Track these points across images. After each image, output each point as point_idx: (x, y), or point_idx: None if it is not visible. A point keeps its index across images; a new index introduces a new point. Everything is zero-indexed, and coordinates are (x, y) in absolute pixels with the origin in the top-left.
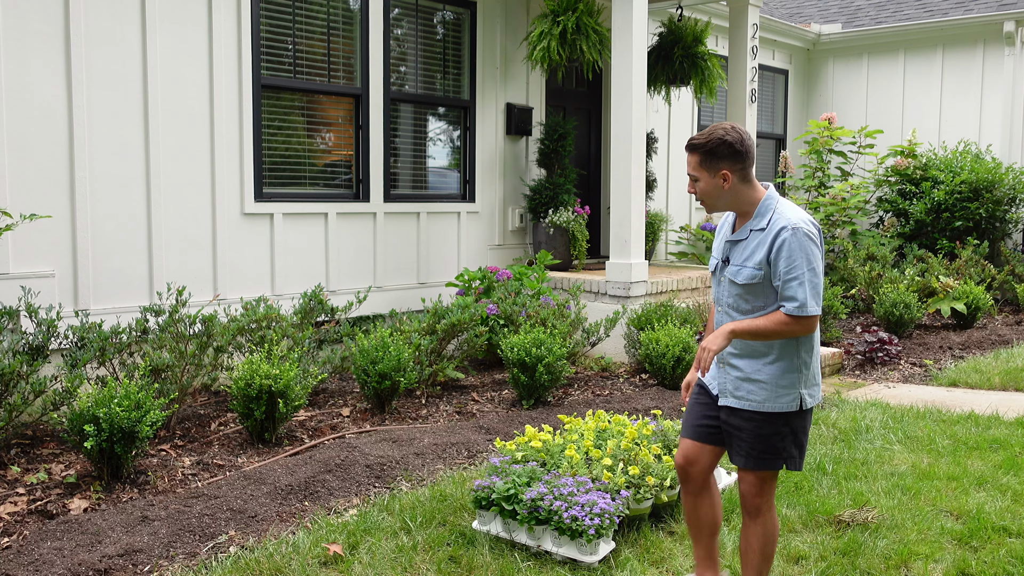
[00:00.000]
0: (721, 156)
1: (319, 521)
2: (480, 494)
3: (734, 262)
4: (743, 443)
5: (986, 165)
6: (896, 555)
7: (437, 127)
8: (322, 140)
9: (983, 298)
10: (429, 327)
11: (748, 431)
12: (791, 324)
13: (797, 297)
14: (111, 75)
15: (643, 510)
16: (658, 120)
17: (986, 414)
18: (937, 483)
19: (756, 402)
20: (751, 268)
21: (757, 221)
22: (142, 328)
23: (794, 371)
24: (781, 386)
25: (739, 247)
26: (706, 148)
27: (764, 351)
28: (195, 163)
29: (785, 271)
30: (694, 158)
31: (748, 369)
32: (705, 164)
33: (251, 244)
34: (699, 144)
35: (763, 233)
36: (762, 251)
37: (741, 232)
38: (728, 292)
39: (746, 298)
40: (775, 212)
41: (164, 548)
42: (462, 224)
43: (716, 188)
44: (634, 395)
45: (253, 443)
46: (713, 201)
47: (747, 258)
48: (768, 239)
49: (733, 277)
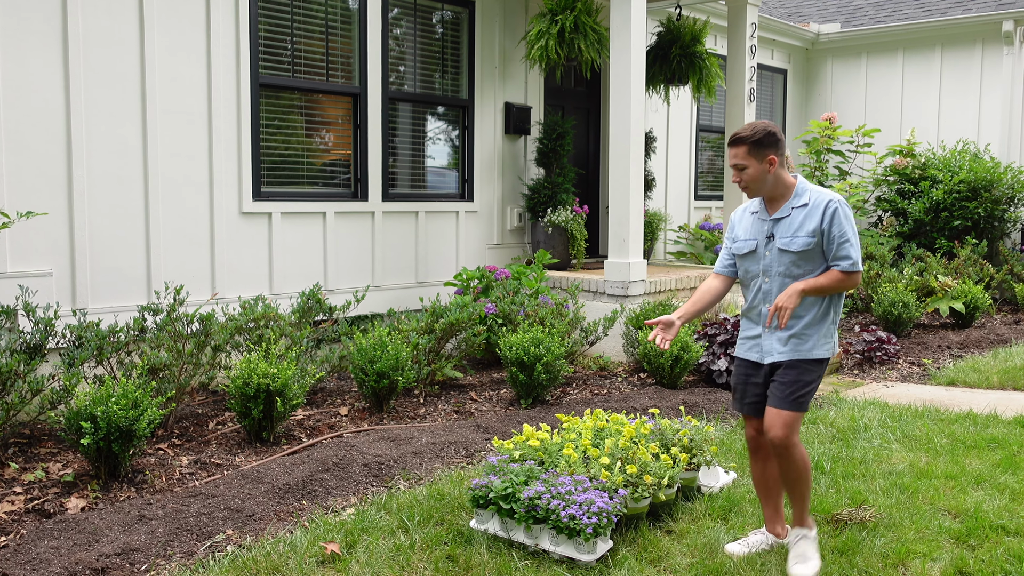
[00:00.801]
0: (767, 145)
1: (316, 520)
2: (478, 493)
3: (782, 235)
4: (785, 387)
5: (985, 164)
6: (894, 554)
7: (436, 126)
8: (320, 139)
9: (982, 297)
10: (427, 326)
11: (792, 376)
12: (845, 280)
13: (851, 255)
14: (109, 74)
15: (641, 509)
16: (656, 119)
17: (984, 413)
18: (935, 482)
19: (805, 351)
20: (805, 236)
21: (796, 200)
22: (140, 327)
23: (829, 323)
24: (822, 335)
25: (783, 223)
26: (754, 139)
27: (807, 310)
28: (193, 162)
29: (838, 236)
30: (741, 149)
31: (797, 328)
32: (753, 153)
33: (249, 243)
34: (747, 136)
35: (807, 208)
36: (812, 222)
37: (782, 211)
38: (779, 261)
39: (798, 263)
40: (811, 191)
41: (161, 547)
42: (460, 223)
43: (763, 174)
44: (632, 394)
45: (251, 442)
46: (759, 186)
47: (797, 230)
48: (817, 212)
49: (787, 247)
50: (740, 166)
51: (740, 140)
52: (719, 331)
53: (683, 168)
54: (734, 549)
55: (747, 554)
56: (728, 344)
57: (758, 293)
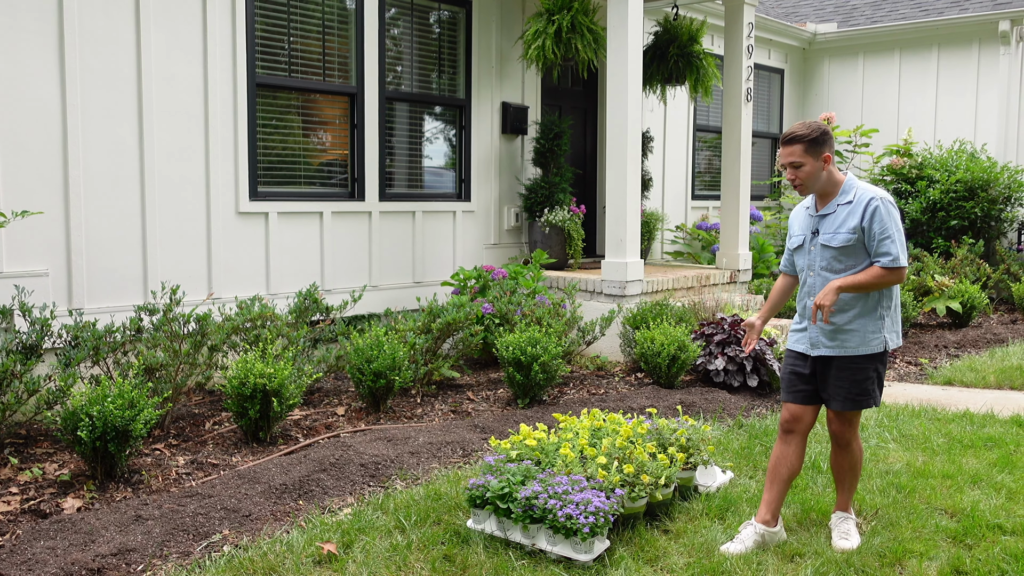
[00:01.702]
0: (823, 143)
1: (313, 520)
2: (475, 493)
3: (825, 231)
4: (841, 389)
5: (981, 164)
6: (891, 553)
7: (433, 126)
8: (317, 139)
9: (978, 297)
10: (424, 326)
11: (845, 378)
12: (886, 275)
13: (891, 252)
14: (105, 73)
15: (638, 508)
16: (654, 119)
17: (981, 412)
18: (932, 481)
19: (852, 347)
20: (846, 233)
21: (843, 197)
22: (136, 327)
23: (878, 319)
24: (869, 331)
25: (828, 220)
26: (811, 138)
27: (852, 304)
28: (190, 162)
29: (879, 232)
30: (798, 148)
31: (840, 321)
32: (810, 151)
33: (246, 243)
34: (804, 135)
35: (851, 205)
36: (854, 219)
37: (828, 208)
38: (822, 256)
39: (840, 259)
40: (857, 188)
41: (158, 547)
42: (458, 223)
43: (818, 171)
44: (629, 394)
45: (248, 442)
46: (812, 183)
47: (839, 226)
48: (859, 209)
49: (828, 243)
50: (797, 164)
51: (797, 138)
52: (716, 331)
53: (680, 168)
54: (730, 548)
55: (743, 551)
56: (725, 344)
57: (804, 286)
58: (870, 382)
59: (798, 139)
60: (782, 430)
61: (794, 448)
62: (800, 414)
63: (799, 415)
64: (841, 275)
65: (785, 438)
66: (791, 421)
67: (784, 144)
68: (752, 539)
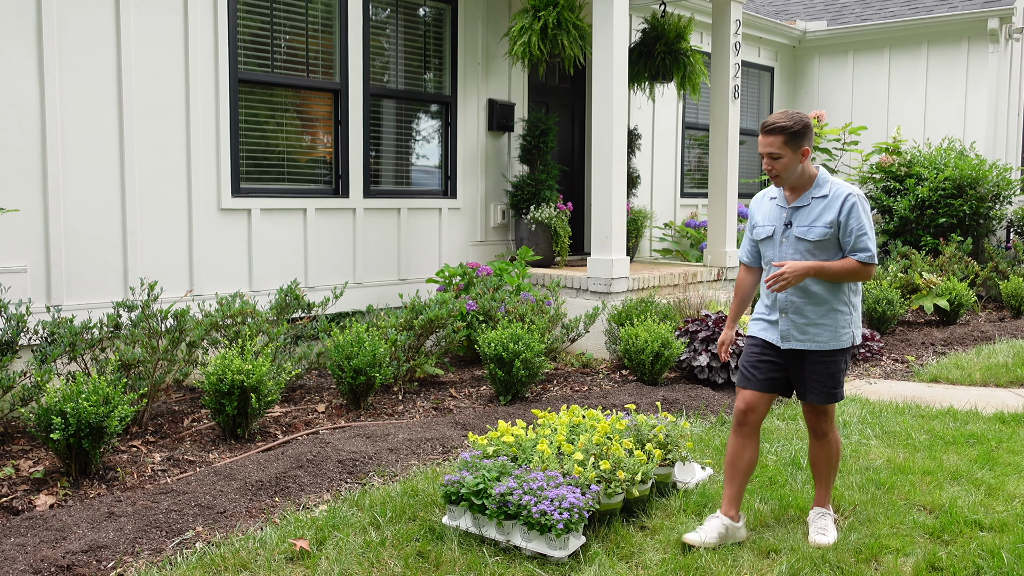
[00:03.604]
0: (803, 136)
1: (288, 517)
2: (450, 489)
3: (800, 224)
4: (817, 383)
5: (970, 162)
6: (867, 549)
7: (418, 123)
8: (301, 135)
9: (966, 295)
10: (406, 323)
11: (820, 372)
12: (860, 270)
13: (869, 248)
14: (84, 68)
15: (614, 505)
16: (642, 117)
17: (965, 409)
18: (912, 477)
19: (823, 342)
20: (822, 227)
21: (817, 190)
22: (115, 323)
23: (848, 314)
24: (840, 326)
25: (802, 212)
26: (792, 129)
27: (825, 300)
28: (171, 158)
29: (856, 228)
30: (777, 139)
31: (813, 316)
32: (789, 143)
33: (228, 240)
34: (786, 126)
35: (826, 199)
36: (831, 213)
37: (802, 200)
38: (795, 248)
39: (814, 252)
40: (831, 183)
41: (129, 544)
42: (443, 220)
43: (795, 163)
44: (613, 391)
45: (225, 439)
46: (789, 175)
47: (816, 219)
48: (836, 204)
49: (804, 235)
50: (775, 155)
51: (778, 129)
52: (700, 327)
53: (669, 166)
54: (692, 537)
55: (701, 541)
56: (709, 341)
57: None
58: (840, 374)
59: (779, 130)
60: (736, 422)
61: (750, 440)
62: (756, 403)
63: (755, 404)
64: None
65: (740, 430)
66: (746, 411)
67: (764, 133)
68: (716, 532)
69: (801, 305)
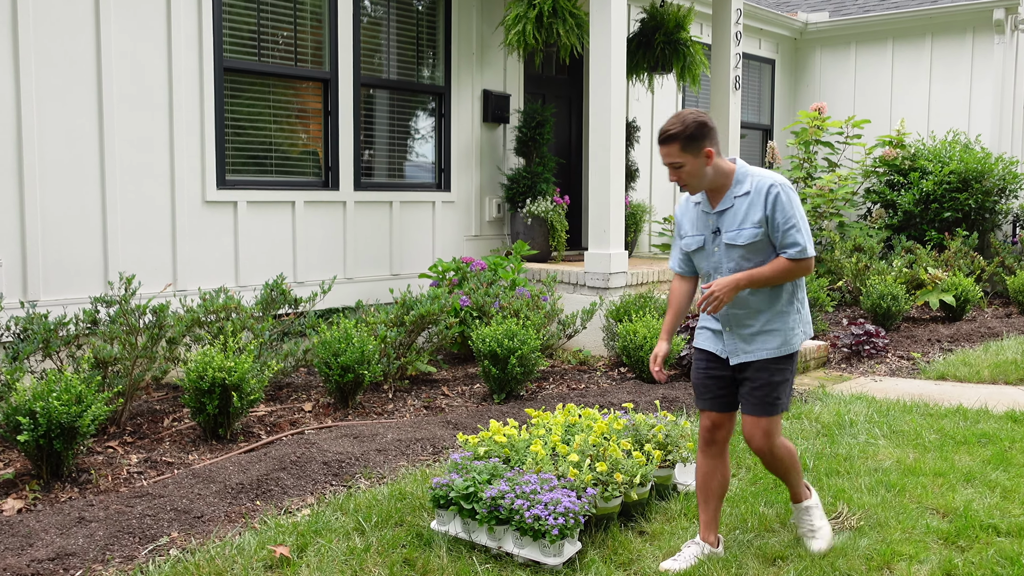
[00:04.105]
0: (701, 137)
1: (269, 522)
2: (438, 492)
3: (727, 229)
4: (759, 392)
5: (975, 155)
6: (878, 555)
7: (411, 114)
8: (289, 126)
9: (972, 290)
10: (397, 318)
11: (763, 379)
12: (793, 268)
13: (798, 242)
14: (62, 56)
15: (611, 509)
16: (640, 109)
17: (975, 408)
18: (923, 479)
19: (772, 348)
20: (751, 228)
21: (737, 188)
22: (92, 319)
23: (795, 313)
24: (790, 328)
25: (728, 216)
26: (686, 134)
27: (770, 304)
28: (153, 148)
29: (783, 222)
30: (674, 147)
31: (758, 324)
32: (688, 148)
33: (214, 233)
34: (677, 132)
35: (749, 196)
36: (756, 211)
37: (724, 202)
38: (728, 257)
39: (748, 257)
40: (751, 176)
41: (100, 551)
42: (437, 214)
43: (701, 168)
44: (611, 389)
45: (206, 439)
46: (698, 181)
47: (742, 220)
48: (760, 200)
49: (734, 241)
50: (676, 164)
51: (670, 137)
52: None
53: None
54: (669, 566)
55: (682, 570)
56: None
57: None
58: (785, 384)
59: (672, 137)
60: (703, 441)
61: (720, 459)
62: (721, 421)
63: (720, 422)
64: None
65: (707, 450)
66: (712, 429)
67: (660, 143)
68: (694, 559)
69: (743, 317)
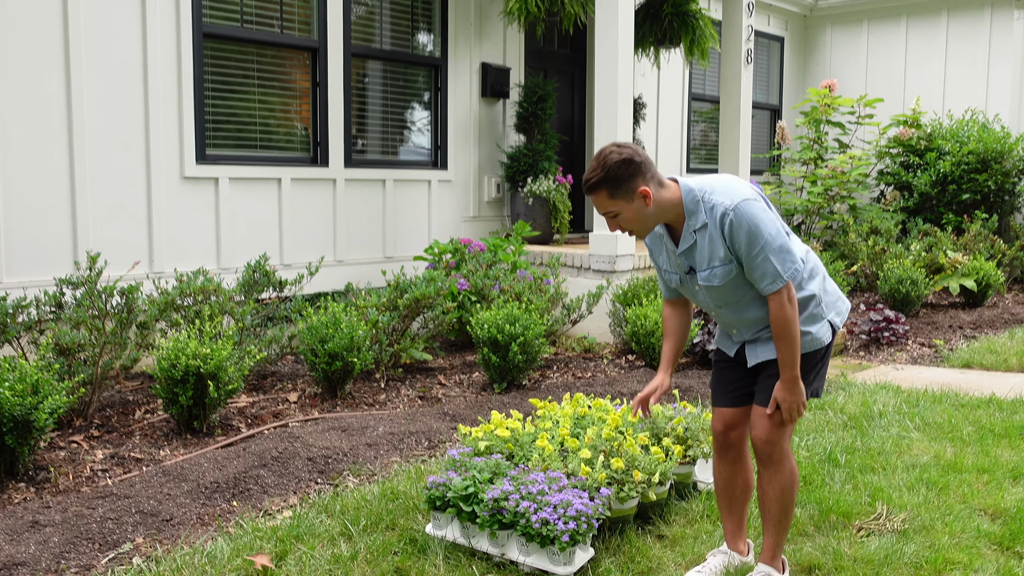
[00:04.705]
0: (630, 177)
1: (245, 525)
2: (434, 493)
3: (700, 269)
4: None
5: (995, 135)
6: (928, 563)
7: (405, 87)
8: (275, 98)
9: (994, 275)
10: (390, 302)
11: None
12: (785, 302)
13: (767, 272)
14: (25, 18)
15: (627, 511)
16: (647, 85)
17: (1009, 398)
18: (966, 476)
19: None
20: (720, 266)
21: (693, 220)
22: (57, 302)
23: (814, 307)
24: (817, 319)
25: (695, 255)
26: (609, 178)
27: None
28: (126, 120)
29: (747, 251)
30: (601, 195)
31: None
32: (617, 195)
33: (193, 212)
34: (599, 179)
35: (706, 230)
36: (719, 247)
37: (685, 239)
38: (713, 297)
39: (733, 290)
40: (702, 204)
41: (54, 560)
42: (433, 193)
43: (640, 212)
44: (619, 377)
45: (180, 433)
46: (643, 225)
47: (710, 259)
48: (717, 233)
49: (709, 283)
50: (611, 213)
51: (593, 186)
52: None
53: (675, 138)
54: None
55: None
56: None
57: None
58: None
59: (595, 186)
60: (717, 446)
61: (740, 464)
62: (735, 420)
63: (733, 421)
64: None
65: (724, 455)
66: (725, 431)
67: (586, 193)
68: (722, 569)
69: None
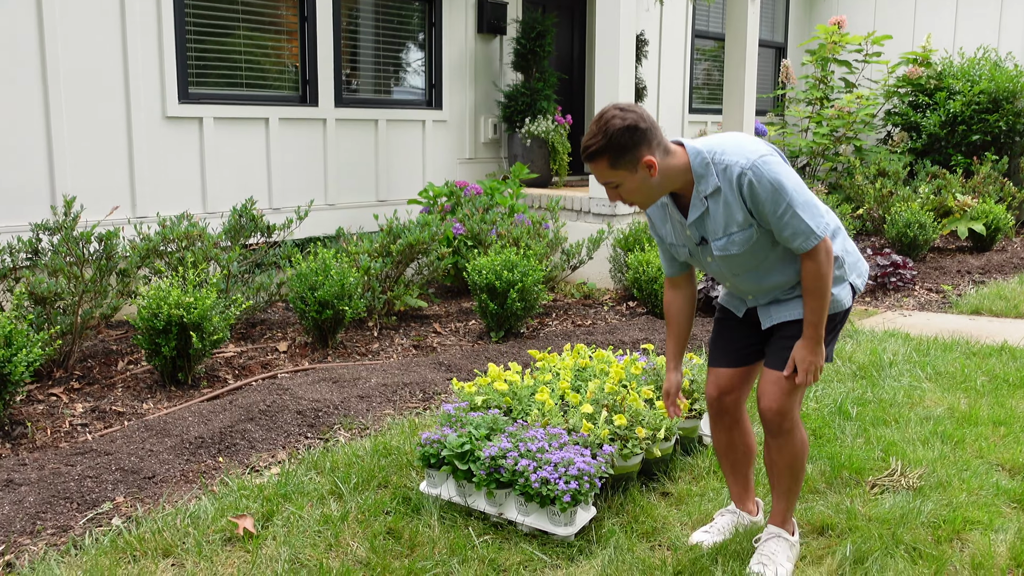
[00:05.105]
0: (634, 145)
1: (231, 483)
2: (428, 450)
3: (714, 239)
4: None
5: (1007, 73)
6: (946, 523)
7: (398, 22)
8: (262, 33)
9: (1004, 218)
10: (383, 248)
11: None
12: (822, 260)
13: (799, 230)
14: None
15: (631, 468)
16: (649, 21)
17: (1022, 346)
18: (982, 429)
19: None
20: (739, 232)
21: (703, 186)
22: (34, 249)
23: (839, 267)
24: (837, 287)
25: (707, 224)
26: (611, 146)
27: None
28: (103, 57)
29: (772, 211)
30: (601, 164)
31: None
32: (620, 164)
33: (176, 153)
34: (601, 147)
35: (719, 194)
36: (737, 211)
37: (695, 207)
38: (729, 266)
39: (751, 257)
40: (713, 167)
41: (29, 521)
42: (427, 134)
43: (644, 182)
44: (620, 325)
45: (164, 385)
46: (647, 196)
47: (726, 226)
48: (734, 195)
49: (726, 252)
50: (612, 183)
51: (593, 153)
52: None
53: (677, 77)
54: (701, 538)
55: (718, 543)
56: None
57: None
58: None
59: (596, 153)
60: (713, 411)
61: (737, 430)
62: (730, 384)
63: (730, 386)
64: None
65: (720, 421)
66: (719, 396)
67: (585, 161)
68: (731, 530)
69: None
